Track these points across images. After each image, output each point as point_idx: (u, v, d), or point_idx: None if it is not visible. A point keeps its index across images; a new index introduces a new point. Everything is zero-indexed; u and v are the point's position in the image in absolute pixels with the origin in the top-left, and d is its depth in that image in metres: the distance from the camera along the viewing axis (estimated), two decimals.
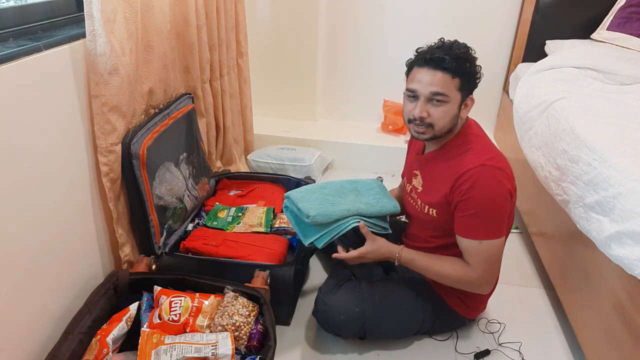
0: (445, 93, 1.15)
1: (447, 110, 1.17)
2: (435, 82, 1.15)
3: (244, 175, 1.99)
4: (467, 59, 1.16)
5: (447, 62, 1.13)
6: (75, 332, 1.10)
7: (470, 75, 1.18)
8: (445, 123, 1.18)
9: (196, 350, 1.07)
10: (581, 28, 2.21)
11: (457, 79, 1.15)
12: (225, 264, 1.44)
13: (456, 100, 1.17)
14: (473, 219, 1.17)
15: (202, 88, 1.85)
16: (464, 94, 1.18)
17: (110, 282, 1.27)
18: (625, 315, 1.08)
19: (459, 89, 1.16)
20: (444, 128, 1.19)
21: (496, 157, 1.18)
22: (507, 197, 1.16)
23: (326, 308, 1.31)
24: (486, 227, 1.17)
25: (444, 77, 1.15)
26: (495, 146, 1.24)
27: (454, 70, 1.14)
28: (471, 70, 1.17)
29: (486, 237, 1.17)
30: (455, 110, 1.18)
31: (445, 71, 1.14)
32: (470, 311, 1.40)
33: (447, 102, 1.16)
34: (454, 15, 2.38)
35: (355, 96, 2.68)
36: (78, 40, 1.18)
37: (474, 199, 1.15)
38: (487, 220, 1.16)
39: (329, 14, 2.47)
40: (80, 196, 1.25)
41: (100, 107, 1.21)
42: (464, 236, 1.20)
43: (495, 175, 1.14)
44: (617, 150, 1.20)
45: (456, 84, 1.16)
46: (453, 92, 1.16)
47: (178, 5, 1.57)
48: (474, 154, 1.18)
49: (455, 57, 1.14)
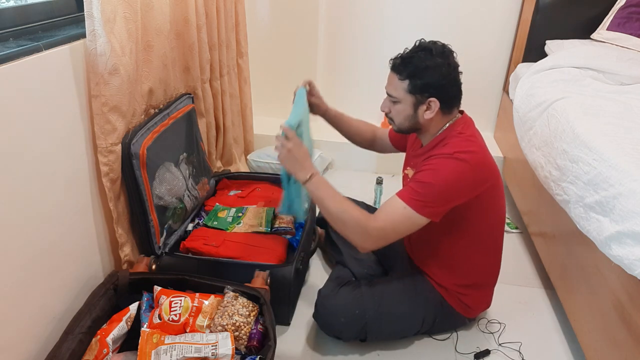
0: (393, 94, 1.24)
1: (399, 110, 1.25)
2: (390, 82, 1.25)
3: (244, 175, 1.99)
4: (417, 61, 1.18)
5: (396, 65, 1.22)
6: (75, 332, 1.10)
7: (417, 77, 1.18)
8: (401, 121, 1.26)
9: (196, 350, 1.07)
10: (581, 28, 2.21)
11: (406, 80, 1.20)
12: (225, 264, 1.44)
13: (407, 101, 1.22)
14: (413, 184, 1.18)
15: (202, 88, 1.85)
16: (417, 96, 1.20)
17: (110, 282, 1.27)
18: (625, 315, 1.08)
19: (408, 91, 1.20)
20: (402, 125, 1.27)
21: (468, 152, 1.18)
22: (457, 190, 1.17)
23: (326, 311, 1.31)
24: (418, 197, 1.16)
25: (394, 78, 1.23)
26: (478, 144, 1.23)
27: (401, 72, 1.20)
28: (420, 74, 1.18)
29: (411, 205, 1.16)
30: (408, 111, 1.23)
31: (394, 73, 1.22)
32: (471, 310, 1.40)
33: (399, 102, 1.24)
34: (454, 15, 2.38)
35: (355, 96, 2.68)
36: (78, 40, 1.17)
37: (425, 172, 1.18)
38: (424, 193, 1.16)
39: (329, 14, 2.47)
40: (80, 196, 1.26)
41: (100, 107, 1.21)
42: (398, 194, 1.20)
43: (457, 165, 1.16)
44: (617, 150, 1.20)
45: (405, 86, 1.20)
46: (402, 93, 1.22)
47: (178, 5, 1.57)
48: (448, 147, 1.20)
49: (405, 59, 1.20)
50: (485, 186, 1.22)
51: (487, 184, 1.22)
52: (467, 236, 1.30)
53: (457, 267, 1.35)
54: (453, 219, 1.23)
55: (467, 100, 2.81)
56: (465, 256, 1.33)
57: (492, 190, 1.25)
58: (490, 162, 1.24)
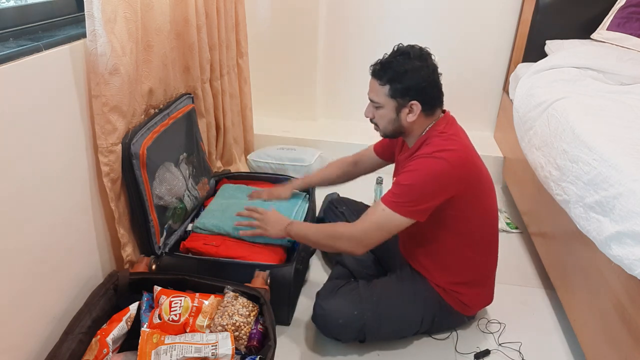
0: (375, 99, 1.25)
1: (382, 114, 1.26)
2: (371, 88, 1.26)
3: (244, 175, 1.99)
4: (396, 66, 1.19)
5: (375, 70, 1.23)
6: (75, 332, 1.10)
7: (397, 82, 1.20)
8: (385, 125, 1.28)
9: (196, 350, 1.07)
10: (581, 28, 2.21)
11: (386, 85, 1.21)
12: (225, 264, 1.44)
13: (389, 105, 1.23)
14: (393, 187, 1.22)
15: (202, 88, 1.85)
16: (399, 100, 1.22)
17: (110, 282, 1.26)
18: (625, 315, 1.08)
19: (390, 95, 1.22)
20: (387, 129, 1.29)
21: (450, 151, 1.19)
22: (437, 186, 1.19)
23: (324, 313, 1.31)
24: (397, 199, 1.20)
25: (375, 84, 1.24)
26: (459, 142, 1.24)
27: (380, 77, 1.22)
28: (399, 78, 1.19)
29: (391, 207, 1.20)
30: (391, 115, 1.24)
31: (375, 78, 1.24)
32: (469, 309, 1.40)
33: (381, 107, 1.25)
34: (454, 15, 2.38)
35: (355, 96, 2.67)
36: (78, 40, 1.17)
37: (405, 173, 1.21)
38: (401, 194, 1.20)
39: (329, 14, 2.47)
40: (80, 196, 1.26)
41: (101, 107, 1.21)
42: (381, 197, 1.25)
43: (434, 163, 1.18)
44: (617, 150, 1.21)
45: (385, 91, 1.22)
46: (383, 98, 1.23)
47: (178, 5, 1.57)
48: (429, 147, 1.22)
49: (384, 65, 1.21)
50: (467, 183, 1.23)
51: (470, 181, 1.23)
52: (456, 234, 1.31)
53: (449, 265, 1.35)
54: (439, 217, 1.24)
55: (467, 100, 2.81)
56: (456, 254, 1.33)
57: (476, 186, 1.26)
58: (472, 159, 1.25)
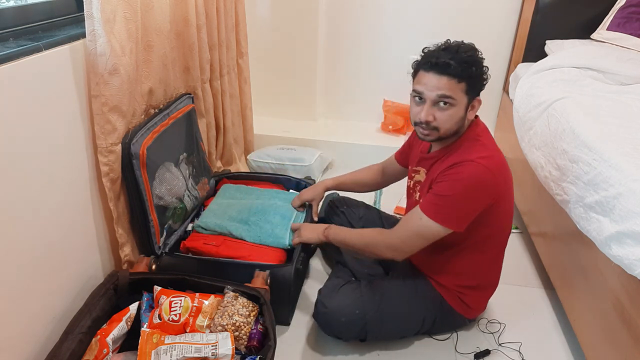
0: (452, 96, 1.15)
1: (453, 113, 1.18)
2: (442, 86, 1.15)
3: (244, 175, 1.99)
4: (473, 62, 1.16)
5: (452, 67, 1.13)
6: (75, 332, 1.10)
7: (476, 78, 1.17)
8: (450, 125, 1.19)
9: (196, 350, 1.07)
10: (581, 28, 2.21)
11: (463, 82, 1.15)
12: (225, 264, 1.44)
13: (462, 103, 1.18)
14: (432, 196, 1.19)
15: (202, 88, 1.85)
16: (470, 96, 1.18)
17: (110, 282, 1.26)
18: (625, 315, 1.08)
19: (465, 92, 1.17)
20: (449, 130, 1.20)
21: (489, 157, 1.17)
22: (478, 198, 1.17)
23: (326, 311, 1.31)
24: (438, 208, 1.17)
25: (449, 81, 1.14)
26: (495, 148, 1.24)
27: (459, 75, 1.14)
28: (477, 74, 1.17)
29: (429, 216, 1.18)
30: (461, 113, 1.19)
31: (450, 76, 1.14)
32: (471, 311, 1.40)
33: (453, 105, 1.17)
34: (454, 15, 2.38)
35: (355, 96, 2.68)
36: (78, 40, 1.17)
37: (446, 182, 1.17)
38: (443, 204, 1.17)
39: (329, 13, 2.47)
40: (80, 196, 1.25)
41: (100, 107, 1.21)
42: (419, 204, 1.22)
43: (476, 173, 1.15)
44: (617, 150, 1.20)
45: (462, 88, 1.16)
46: (459, 95, 1.16)
47: (178, 5, 1.57)
48: (469, 152, 1.19)
49: (461, 61, 1.14)
50: (504, 190, 1.21)
51: (506, 188, 1.22)
52: (473, 239, 1.28)
53: (461, 270, 1.34)
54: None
55: None
56: (468, 258, 1.32)
57: (507, 192, 1.25)
58: (507, 165, 1.24)
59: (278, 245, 1.52)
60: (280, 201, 1.71)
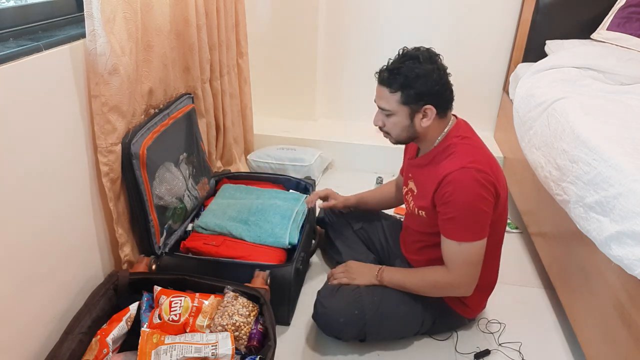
0: (386, 107, 1.20)
1: (395, 122, 1.22)
2: (380, 96, 1.21)
3: (244, 175, 1.99)
4: (403, 72, 1.15)
5: (384, 77, 1.18)
6: (75, 332, 1.10)
7: (411, 87, 1.16)
8: (398, 132, 1.24)
9: (196, 350, 1.07)
10: (581, 28, 2.21)
11: (398, 92, 1.17)
12: (225, 264, 1.44)
13: (402, 112, 1.20)
14: (453, 222, 1.18)
15: (202, 88, 1.85)
16: (412, 106, 1.18)
17: (110, 282, 1.27)
18: (625, 315, 1.08)
19: (401, 102, 1.18)
20: (400, 136, 1.25)
21: (478, 160, 1.17)
22: (487, 200, 1.17)
23: (326, 311, 1.31)
24: (465, 230, 1.18)
25: (384, 91, 1.19)
26: (482, 147, 1.24)
27: (390, 85, 1.17)
28: (411, 83, 1.15)
29: (464, 239, 1.18)
30: (404, 122, 1.21)
31: (384, 85, 1.19)
32: (470, 311, 1.40)
33: (393, 115, 1.21)
34: (454, 15, 2.38)
35: (355, 96, 2.68)
36: (78, 40, 1.17)
37: (454, 202, 1.16)
38: (466, 224, 1.17)
39: (329, 13, 2.47)
40: (80, 196, 1.25)
41: (100, 107, 1.21)
42: (445, 236, 1.22)
43: (475, 177, 1.14)
44: (617, 150, 1.20)
45: (397, 98, 1.18)
46: (394, 105, 1.19)
47: (178, 5, 1.57)
48: (457, 157, 1.19)
49: (392, 71, 1.17)
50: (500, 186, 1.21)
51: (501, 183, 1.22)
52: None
53: None
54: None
55: (467, 101, 2.82)
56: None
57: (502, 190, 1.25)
58: (496, 162, 1.24)
59: (278, 245, 1.52)
60: (280, 201, 1.70)
